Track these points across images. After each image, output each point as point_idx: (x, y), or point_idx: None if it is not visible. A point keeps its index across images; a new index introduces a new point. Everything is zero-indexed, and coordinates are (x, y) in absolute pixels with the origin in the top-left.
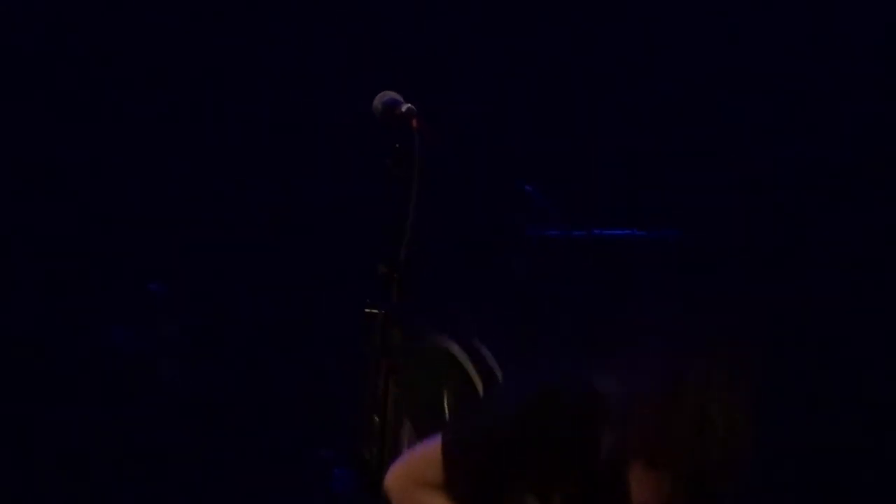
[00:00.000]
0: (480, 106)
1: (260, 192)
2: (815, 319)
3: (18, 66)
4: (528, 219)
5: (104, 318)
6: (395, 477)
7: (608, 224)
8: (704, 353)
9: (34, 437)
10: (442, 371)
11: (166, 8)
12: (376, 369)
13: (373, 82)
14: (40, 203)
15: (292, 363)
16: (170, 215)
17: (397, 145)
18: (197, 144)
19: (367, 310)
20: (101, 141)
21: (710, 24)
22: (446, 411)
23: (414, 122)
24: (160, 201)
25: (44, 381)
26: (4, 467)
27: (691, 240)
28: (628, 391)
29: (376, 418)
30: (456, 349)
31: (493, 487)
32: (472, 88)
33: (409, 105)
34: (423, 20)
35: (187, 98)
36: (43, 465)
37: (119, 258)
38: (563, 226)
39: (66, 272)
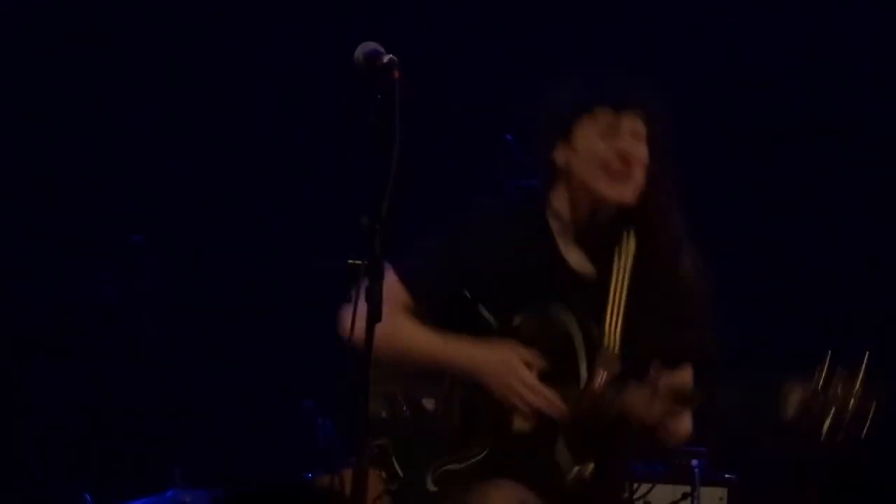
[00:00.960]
0: (479, 103)
1: (257, 189)
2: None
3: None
4: (509, 170)
5: (85, 270)
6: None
7: None
8: None
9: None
10: None
11: (165, 8)
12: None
13: None
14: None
15: (274, 316)
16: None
17: (379, 96)
18: (189, 131)
19: (349, 261)
20: (94, 129)
21: (710, 24)
22: None
23: (396, 74)
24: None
25: (25, 334)
26: None
27: None
28: None
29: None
30: None
31: (445, 302)
32: (472, 88)
33: (391, 56)
34: (423, 20)
35: (185, 94)
36: (23, 417)
37: (101, 211)
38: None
39: (47, 224)
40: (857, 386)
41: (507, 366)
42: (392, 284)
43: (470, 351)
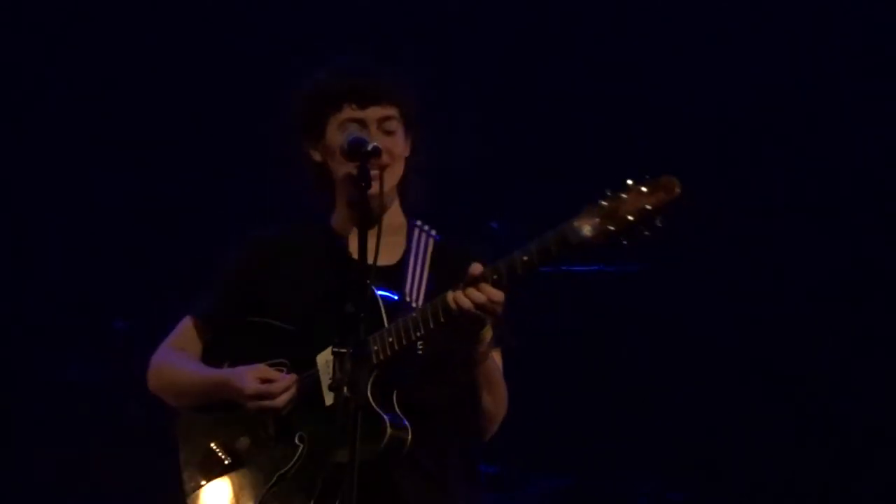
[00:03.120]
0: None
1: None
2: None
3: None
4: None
5: (64, 354)
6: (157, 358)
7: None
8: None
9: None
10: None
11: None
12: (345, 406)
13: None
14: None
15: None
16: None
17: (363, 184)
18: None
19: (334, 349)
20: (67, 169)
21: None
22: None
23: (380, 160)
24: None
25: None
26: None
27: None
28: None
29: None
30: None
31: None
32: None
33: (375, 144)
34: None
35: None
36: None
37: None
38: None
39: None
40: (645, 188)
41: (233, 386)
42: (184, 327)
43: (218, 376)
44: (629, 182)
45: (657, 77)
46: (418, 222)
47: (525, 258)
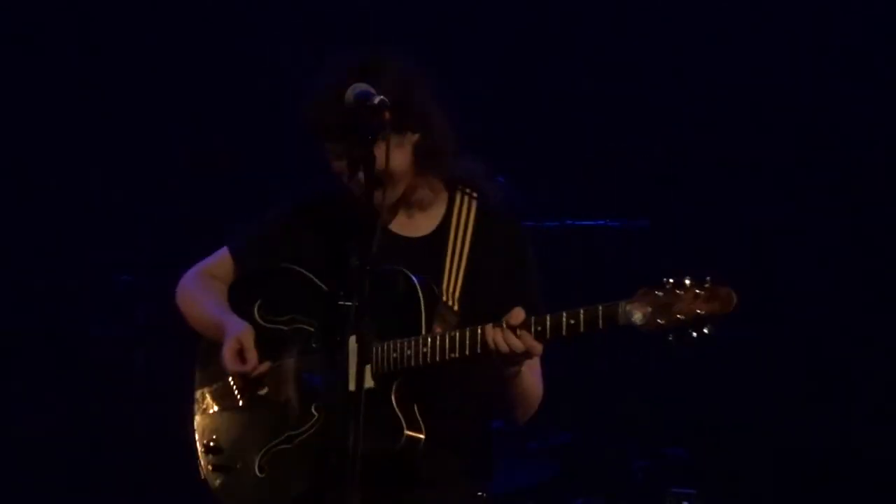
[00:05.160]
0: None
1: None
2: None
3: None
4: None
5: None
6: (186, 277)
7: (580, 215)
8: None
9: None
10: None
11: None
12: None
13: None
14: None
15: None
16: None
17: (370, 137)
18: (175, 139)
19: (339, 302)
20: (78, 135)
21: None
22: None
23: (386, 114)
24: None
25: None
26: None
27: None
28: None
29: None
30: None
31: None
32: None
33: (382, 97)
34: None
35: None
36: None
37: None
38: (535, 216)
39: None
40: (702, 292)
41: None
42: (221, 257)
43: (222, 319)
44: (687, 281)
45: (657, 77)
46: (460, 185)
47: (572, 322)
